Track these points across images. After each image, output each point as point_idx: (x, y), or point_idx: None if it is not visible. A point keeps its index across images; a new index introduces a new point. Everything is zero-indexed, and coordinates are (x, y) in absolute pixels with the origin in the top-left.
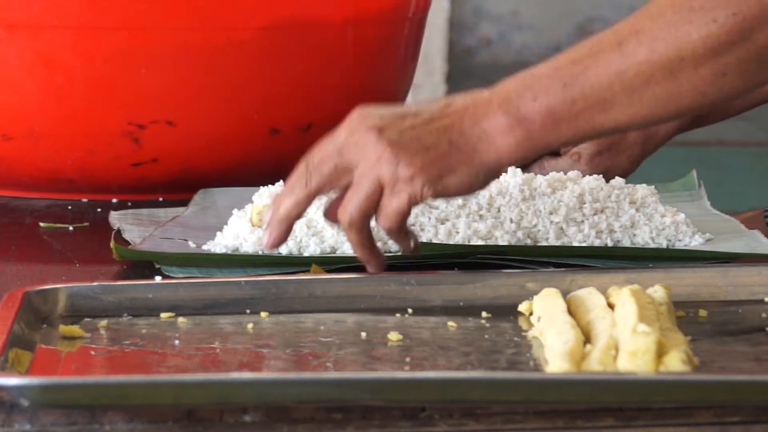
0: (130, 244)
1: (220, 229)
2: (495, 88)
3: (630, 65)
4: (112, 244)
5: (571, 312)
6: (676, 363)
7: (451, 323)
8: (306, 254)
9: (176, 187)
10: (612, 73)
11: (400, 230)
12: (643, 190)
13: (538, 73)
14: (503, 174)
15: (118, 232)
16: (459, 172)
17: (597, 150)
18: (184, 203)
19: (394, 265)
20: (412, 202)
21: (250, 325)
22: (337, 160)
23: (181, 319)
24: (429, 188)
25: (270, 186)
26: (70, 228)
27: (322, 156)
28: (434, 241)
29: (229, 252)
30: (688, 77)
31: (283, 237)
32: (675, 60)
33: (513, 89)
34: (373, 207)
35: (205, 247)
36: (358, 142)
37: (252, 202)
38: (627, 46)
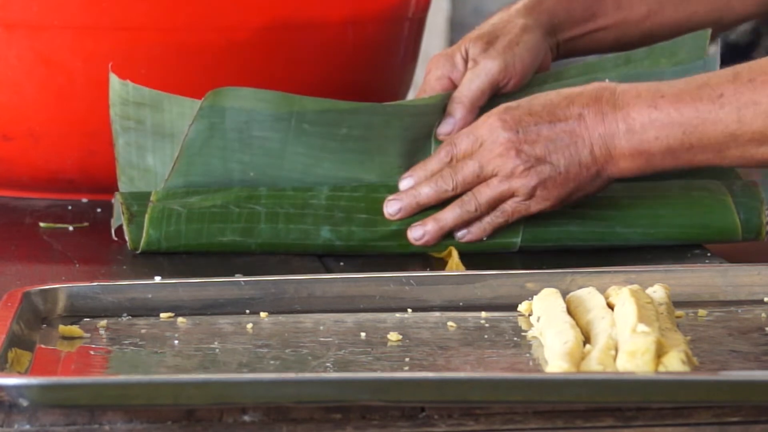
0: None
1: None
2: (623, 103)
3: (746, 132)
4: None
5: (570, 312)
6: (675, 363)
7: (450, 323)
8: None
9: None
10: (728, 134)
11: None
12: None
13: (661, 108)
14: None
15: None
16: (587, 189)
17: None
18: None
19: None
20: (537, 213)
21: (249, 326)
22: (479, 171)
23: (180, 320)
24: (558, 205)
25: None
26: (70, 228)
27: (466, 159)
28: None
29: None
30: None
31: (411, 216)
32: None
33: (639, 123)
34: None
35: None
36: (498, 156)
37: None
38: (746, 114)
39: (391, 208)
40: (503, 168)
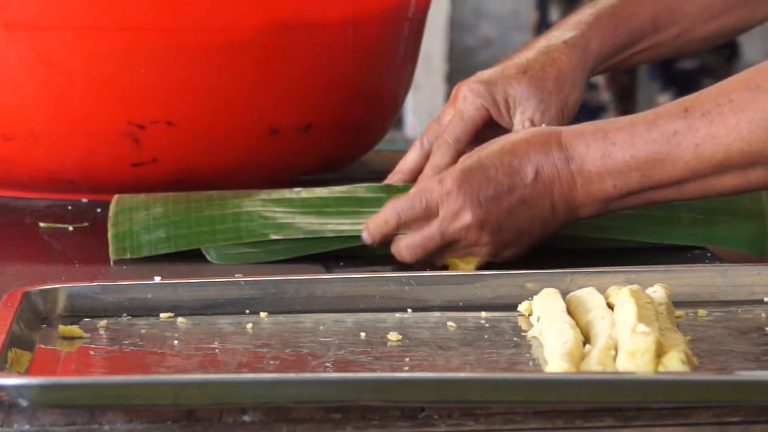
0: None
1: None
2: (575, 156)
3: (705, 166)
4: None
5: (570, 312)
6: (675, 363)
7: (450, 323)
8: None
9: (176, 187)
10: (688, 170)
11: None
12: None
13: (615, 158)
14: None
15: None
16: (546, 236)
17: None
18: None
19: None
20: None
21: (249, 326)
22: (440, 241)
23: (180, 320)
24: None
25: None
26: (70, 228)
27: (430, 219)
28: None
29: None
30: (758, 174)
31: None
32: (747, 165)
33: (594, 171)
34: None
35: None
36: (460, 229)
37: None
38: (704, 149)
39: (367, 229)
40: (468, 236)
